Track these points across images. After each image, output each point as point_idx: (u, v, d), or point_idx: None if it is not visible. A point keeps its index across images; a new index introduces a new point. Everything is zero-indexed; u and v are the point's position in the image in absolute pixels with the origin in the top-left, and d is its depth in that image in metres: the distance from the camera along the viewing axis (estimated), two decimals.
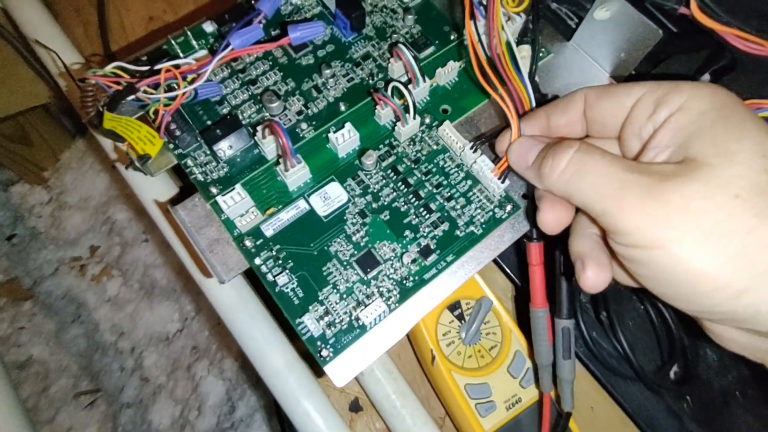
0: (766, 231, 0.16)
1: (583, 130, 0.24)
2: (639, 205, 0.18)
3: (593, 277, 0.21)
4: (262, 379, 0.35)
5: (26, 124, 0.79)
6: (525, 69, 0.28)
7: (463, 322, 0.33)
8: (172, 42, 0.30)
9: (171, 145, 0.28)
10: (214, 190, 0.27)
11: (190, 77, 0.27)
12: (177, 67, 0.26)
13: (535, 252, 0.26)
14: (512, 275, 0.35)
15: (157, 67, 0.26)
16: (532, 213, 0.26)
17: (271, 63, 0.30)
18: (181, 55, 0.30)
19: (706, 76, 0.30)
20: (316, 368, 0.25)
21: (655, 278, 0.18)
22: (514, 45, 0.28)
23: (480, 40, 0.27)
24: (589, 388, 0.36)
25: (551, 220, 0.23)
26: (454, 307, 0.34)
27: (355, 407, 0.36)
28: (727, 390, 0.33)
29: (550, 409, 0.29)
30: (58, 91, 0.52)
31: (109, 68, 0.26)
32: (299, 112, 0.29)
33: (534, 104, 0.27)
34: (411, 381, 0.35)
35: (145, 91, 0.26)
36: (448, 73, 0.30)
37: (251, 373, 0.85)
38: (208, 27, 0.31)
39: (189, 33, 0.30)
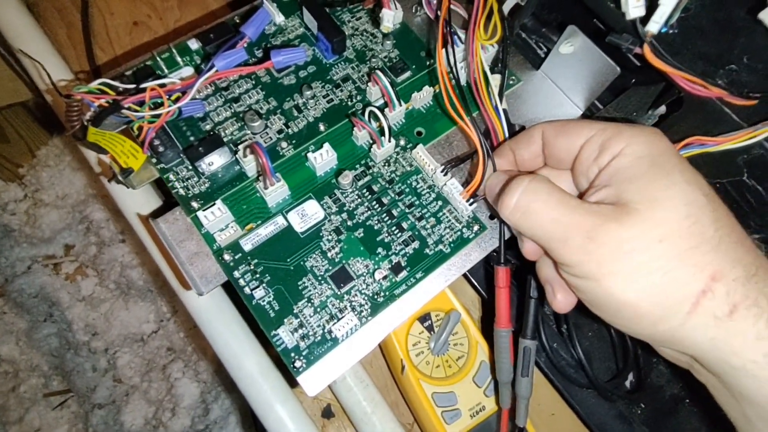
0: (684, 270, 0.19)
1: (542, 162, 0.26)
2: (580, 244, 0.20)
3: (562, 300, 0.24)
4: (235, 383, 0.36)
5: (2, 121, 0.77)
6: (496, 97, 0.30)
7: (432, 333, 0.35)
8: (157, 58, 0.31)
9: (154, 159, 0.29)
10: (195, 205, 0.28)
11: (174, 95, 0.28)
12: (162, 86, 0.27)
13: (502, 275, 0.28)
14: (480, 289, 0.37)
15: (143, 85, 0.27)
16: (500, 237, 0.28)
17: (254, 82, 0.31)
18: (166, 70, 0.31)
19: (662, 108, 0.32)
20: (290, 377, 0.26)
21: (595, 304, 0.21)
22: (489, 73, 0.30)
23: (451, 70, 0.28)
24: (550, 396, 0.38)
25: (531, 250, 0.25)
26: (424, 318, 0.35)
27: (327, 413, 0.38)
28: (677, 396, 0.36)
29: (507, 423, 0.31)
30: (36, 90, 0.52)
31: (94, 85, 0.27)
32: (280, 131, 0.30)
33: (506, 130, 0.29)
34: (381, 388, 0.37)
35: (130, 108, 0.27)
36: (423, 97, 0.32)
37: (226, 376, 0.85)
38: (193, 44, 0.32)
39: (174, 50, 0.31)
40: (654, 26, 0.26)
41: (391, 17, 0.31)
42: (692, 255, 0.19)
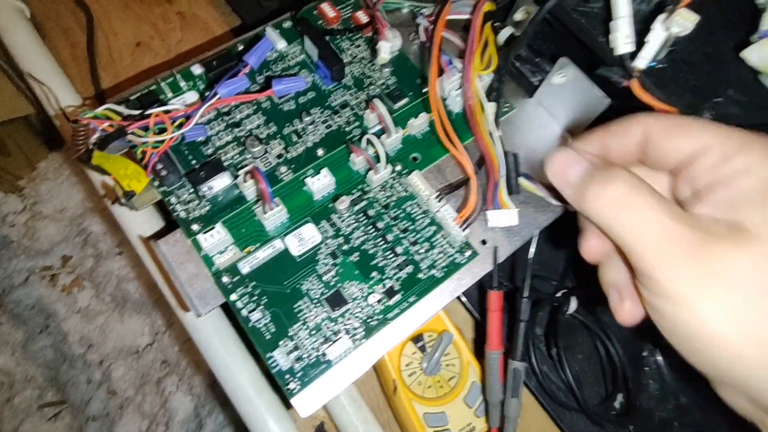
0: None
1: (635, 158, 0.22)
2: (679, 260, 0.17)
3: (630, 311, 0.21)
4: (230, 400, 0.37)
5: (4, 134, 0.78)
6: (492, 124, 0.31)
7: (425, 353, 0.36)
8: (161, 83, 0.32)
9: (156, 183, 0.29)
10: (195, 228, 0.28)
11: (178, 121, 0.29)
12: (166, 112, 0.28)
13: (495, 299, 0.28)
14: (473, 311, 0.38)
15: (147, 112, 0.28)
16: (494, 261, 0.29)
17: (255, 107, 0.32)
18: (170, 94, 0.32)
19: None
20: (284, 395, 0.27)
21: (674, 331, 0.18)
22: (485, 101, 0.31)
23: (444, 99, 0.29)
24: (541, 418, 0.38)
25: (596, 250, 0.22)
26: (417, 339, 0.36)
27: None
28: (667, 420, 0.36)
29: None
30: (38, 105, 0.53)
31: (100, 110, 0.28)
32: (279, 156, 0.31)
33: (501, 156, 0.30)
34: (374, 408, 0.37)
35: (134, 133, 0.28)
36: (419, 124, 0.33)
37: (220, 391, 0.85)
38: (197, 69, 0.33)
39: (177, 75, 0.32)
40: (642, 62, 0.27)
41: (387, 49, 0.32)
42: None
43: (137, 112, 0.28)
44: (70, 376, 0.87)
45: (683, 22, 0.24)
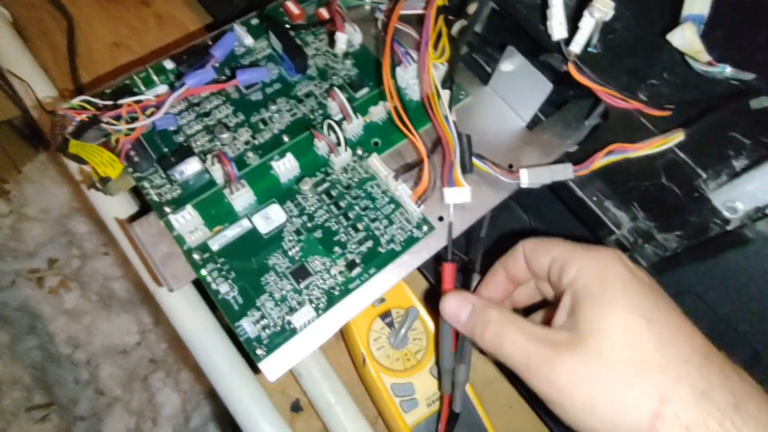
0: (633, 395, 0.20)
1: (529, 274, 0.29)
2: (540, 373, 0.22)
3: None
4: (214, 390, 0.38)
5: None
6: (446, 109, 0.33)
7: (393, 328, 0.38)
8: (135, 78, 0.34)
9: (130, 169, 0.31)
10: (167, 210, 0.30)
11: (149, 111, 0.31)
12: (138, 102, 0.30)
13: (449, 270, 0.30)
14: (427, 275, 0.40)
15: (120, 101, 0.30)
16: (448, 236, 0.31)
17: (223, 98, 0.34)
18: (144, 88, 0.34)
19: (596, 119, 0.35)
20: (255, 367, 0.29)
21: (566, 422, 0.22)
22: (441, 89, 0.33)
23: (398, 89, 0.32)
24: (507, 390, 0.40)
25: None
26: (385, 315, 0.38)
27: (295, 407, 0.40)
28: None
29: (449, 408, 0.33)
30: (22, 108, 0.55)
31: (76, 101, 0.29)
32: (247, 142, 0.33)
33: (455, 138, 0.32)
34: (348, 384, 0.39)
35: (108, 122, 0.30)
36: (379, 111, 0.35)
37: (205, 384, 0.87)
38: (168, 64, 0.35)
39: (150, 69, 0.34)
40: (576, 47, 0.30)
41: (344, 40, 0.34)
42: (639, 380, 0.20)
43: (111, 102, 0.30)
44: (57, 377, 0.87)
45: (601, 8, 0.26)
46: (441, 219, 0.32)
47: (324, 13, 0.38)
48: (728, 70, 0.29)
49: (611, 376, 0.21)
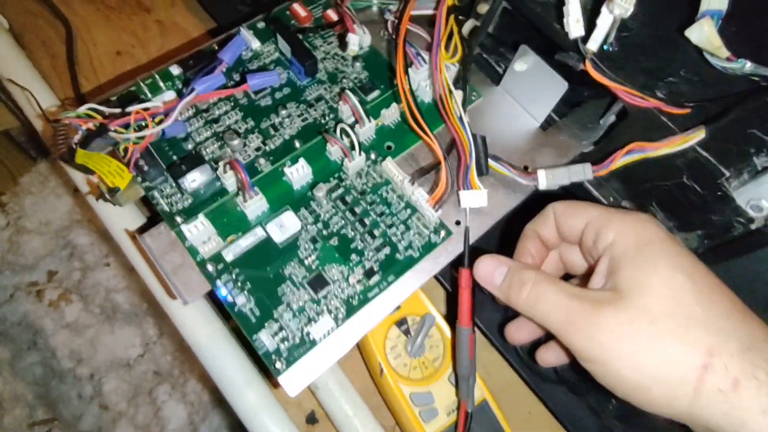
0: (679, 347, 0.20)
1: (558, 237, 0.29)
2: (581, 330, 0.22)
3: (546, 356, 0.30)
4: (223, 400, 0.37)
5: None
6: (460, 109, 0.32)
7: (409, 336, 0.37)
8: (141, 84, 0.33)
9: (139, 178, 0.30)
10: (178, 220, 0.29)
11: (158, 118, 0.30)
12: (146, 109, 0.29)
13: (466, 276, 0.30)
14: (442, 281, 0.39)
15: (128, 109, 0.29)
16: (465, 241, 0.30)
17: (232, 104, 0.33)
18: (150, 95, 0.33)
19: (612, 118, 0.35)
20: (273, 381, 0.28)
21: (612, 387, 0.22)
22: (453, 89, 0.33)
23: (411, 90, 0.31)
24: (526, 395, 0.40)
25: (516, 336, 0.31)
26: (401, 323, 0.37)
27: (311, 419, 0.39)
28: None
29: (466, 414, 0.33)
30: (22, 118, 0.54)
31: (82, 110, 0.29)
32: (258, 149, 0.32)
33: (470, 139, 0.31)
34: (363, 393, 0.38)
35: (116, 131, 0.29)
36: (392, 114, 0.34)
37: (213, 394, 0.85)
38: (175, 70, 0.34)
39: (157, 76, 0.33)
40: (593, 44, 0.29)
41: (356, 41, 0.34)
42: (684, 333, 0.21)
43: (117, 110, 0.29)
44: (60, 392, 0.86)
45: (623, 3, 0.26)
46: (458, 223, 0.32)
47: (332, 15, 0.37)
48: (748, 66, 0.29)
49: (656, 329, 0.21)
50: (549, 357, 0.31)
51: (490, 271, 0.27)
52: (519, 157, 0.35)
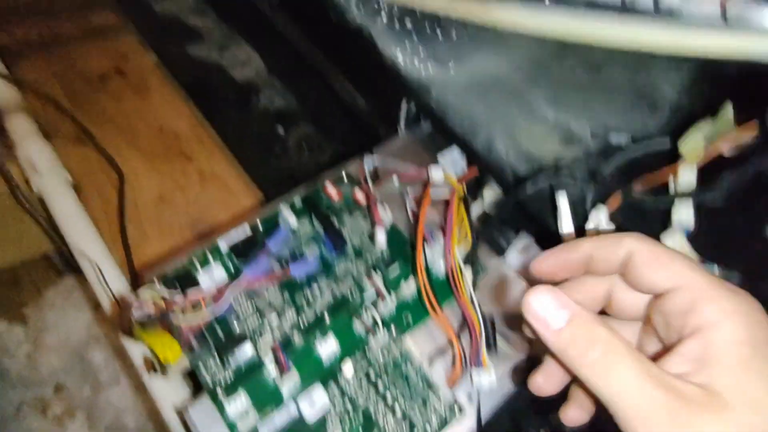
0: None
1: (614, 272, 0.23)
2: (663, 426, 0.18)
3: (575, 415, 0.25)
4: None
5: (22, 271, 0.83)
6: (471, 291, 0.37)
7: None
8: (194, 260, 0.38)
9: (187, 353, 0.34)
10: (220, 393, 0.33)
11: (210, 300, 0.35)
12: (200, 292, 0.34)
13: None
14: None
15: (187, 293, 0.34)
16: (478, 421, 0.33)
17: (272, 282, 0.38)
18: (200, 268, 0.38)
19: None
20: None
21: None
22: (464, 270, 0.38)
23: (427, 269, 0.36)
24: None
25: (544, 387, 0.25)
26: None
27: None
28: None
29: None
30: (58, 239, 0.59)
31: (147, 295, 0.33)
32: (292, 324, 0.37)
33: (481, 318, 0.35)
34: None
35: (174, 311, 0.33)
36: (410, 287, 0.39)
37: None
38: (224, 247, 0.39)
39: (208, 252, 0.39)
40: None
41: (383, 236, 0.39)
42: None
43: (176, 291, 0.34)
44: None
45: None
46: (470, 398, 0.35)
47: (359, 195, 0.44)
48: (716, 270, 0.34)
49: None
50: (575, 415, 0.25)
51: (548, 309, 0.21)
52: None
